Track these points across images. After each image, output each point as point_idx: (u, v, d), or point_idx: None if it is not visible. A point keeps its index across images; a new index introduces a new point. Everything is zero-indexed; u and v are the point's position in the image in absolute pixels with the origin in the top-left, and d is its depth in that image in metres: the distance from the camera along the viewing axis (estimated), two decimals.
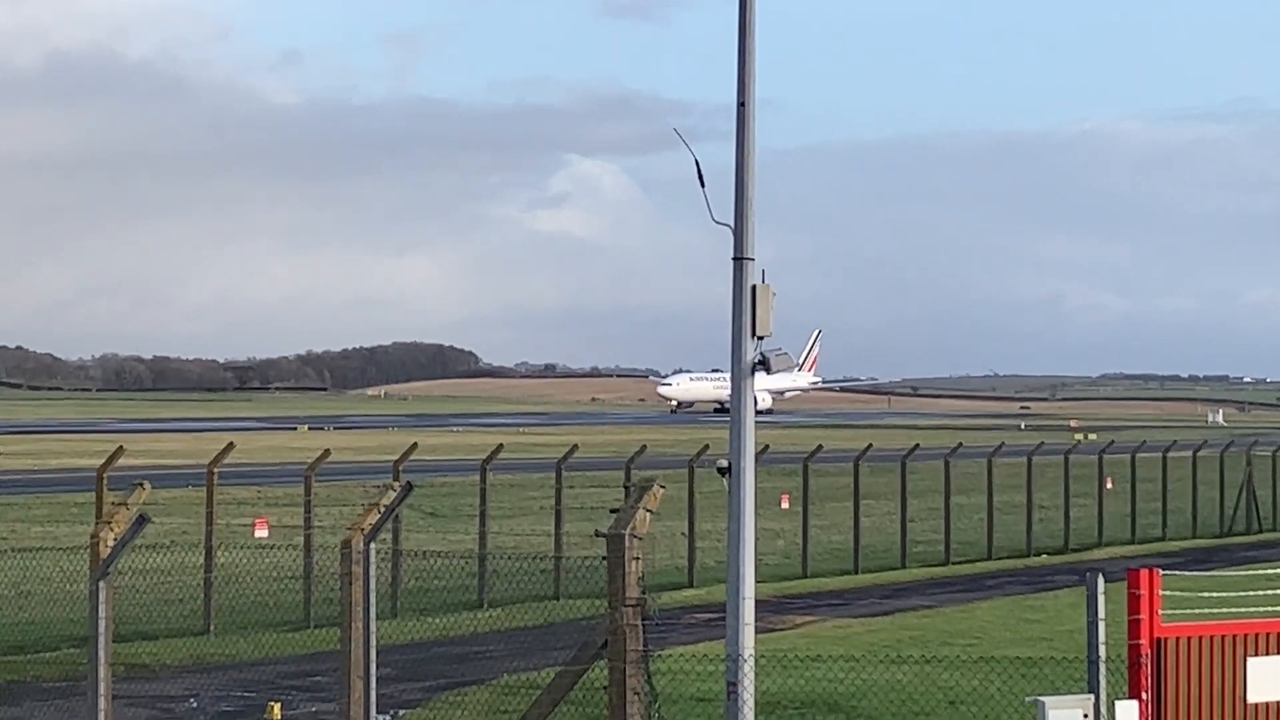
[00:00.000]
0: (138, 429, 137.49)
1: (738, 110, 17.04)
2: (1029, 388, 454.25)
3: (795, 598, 40.56)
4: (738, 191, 16.96)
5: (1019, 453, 59.89)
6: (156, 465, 68.74)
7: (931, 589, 43.45)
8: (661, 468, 45.08)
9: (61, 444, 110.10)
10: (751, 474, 16.92)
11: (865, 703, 24.29)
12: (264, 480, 61.86)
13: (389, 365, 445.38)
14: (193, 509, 42.97)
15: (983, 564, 50.71)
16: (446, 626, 33.47)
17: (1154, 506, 61.44)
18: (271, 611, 35.20)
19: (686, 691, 23.87)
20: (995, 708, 22.55)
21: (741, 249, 16.85)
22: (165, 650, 29.93)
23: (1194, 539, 60.40)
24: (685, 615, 35.41)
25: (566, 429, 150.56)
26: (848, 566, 47.64)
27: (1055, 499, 57.31)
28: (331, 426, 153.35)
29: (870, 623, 35.71)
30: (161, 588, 34.19)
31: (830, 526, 51.73)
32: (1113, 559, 49.65)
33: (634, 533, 15.61)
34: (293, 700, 24.43)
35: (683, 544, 43.95)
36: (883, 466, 56.59)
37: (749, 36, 17.03)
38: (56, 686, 26.44)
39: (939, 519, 52.41)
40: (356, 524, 17.64)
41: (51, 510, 54.26)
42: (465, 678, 27.49)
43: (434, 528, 50.23)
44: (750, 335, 16.77)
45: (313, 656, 28.84)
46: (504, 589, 38.03)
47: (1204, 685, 16.28)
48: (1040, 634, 32.72)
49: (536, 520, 48.39)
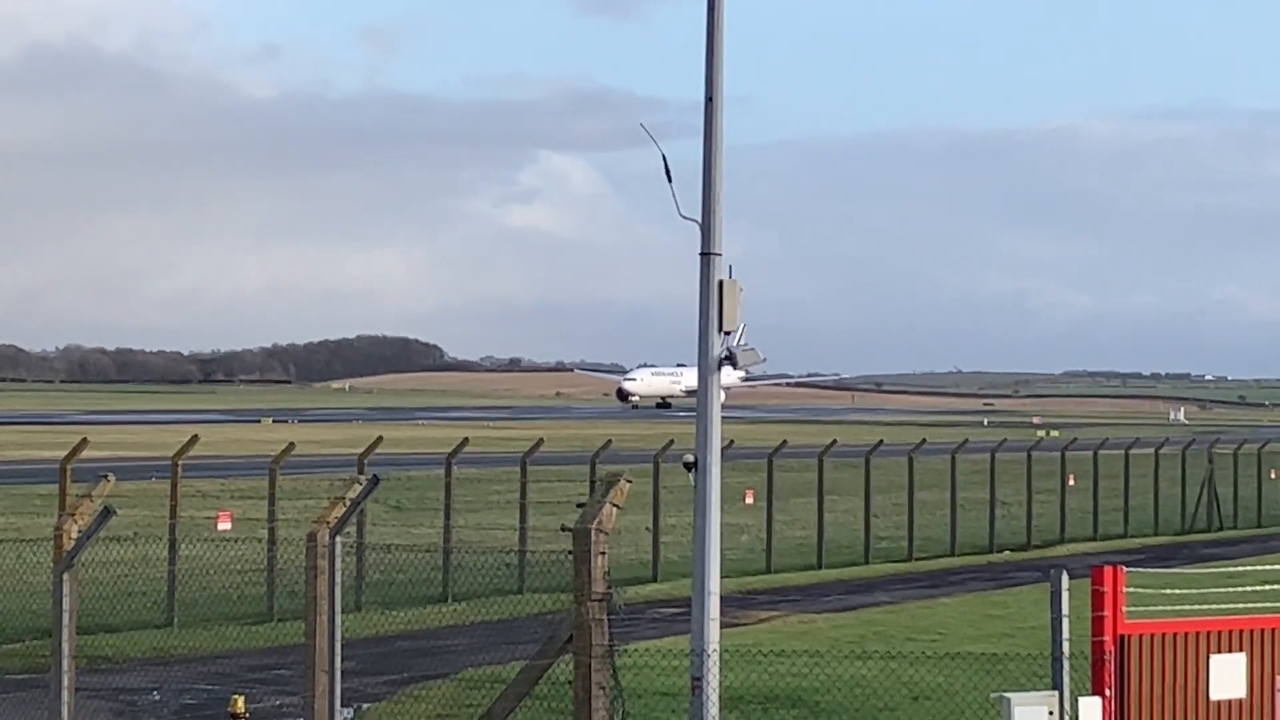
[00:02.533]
0: (101, 421, 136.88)
1: (705, 105, 17.07)
2: (992, 384, 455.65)
3: (759, 593, 40.62)
4: (705, 187, 16.98)
5: (982, 449, 60.06)
6: (120, 457, 68.36)
7: (895, 585, 43.55)
8: (626, 462, 45.06)
9: (23, 435, 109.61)
10: (717, 469, 16.94)
11: (829, 698, 24.34)
12: (228, 473, 61.73)
13: (354, 358, 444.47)
14: (156, 501, 42.78)
15: (946, 560, 50.87)
16: (410, 620, 33.46)
17: (1116, 504, 61.64)
18: (235, 604, 35.16)
19: (651, 686, 23.89)
20: (959, 703, 22.62)
21: (709, 244, 16.87)
22: (128, 643, 29.83)
23: (1156, 536, 60.68)
24: (649, 610, 35.45)
25: (531, 423, 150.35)
26: (812, 562, 47.72)
27: (1018, 495, 57.45)
28: (296, 419, 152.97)
29: (834, 618, 35.78)
30: (124, 580, 34.11)
31: (794, 522, 51.79)
32: (1075, 555, 49.84)
33: (600, 527, 15.62)
34: (256, 693, 24.38)
35: (647, 539, 43.98)
36: (847, 462, 56.68)
37: (717, 32, 17.06)
38: (18, 679, 26.36)
39: (903, 515, 52.56)
40: (322, 517, 17.61)
41: (13, 502, 54.04)
42: (429, 671, 27.46)
43: (398, 521, 50.19)
44: (717, 330, 16.79)
45: (276, 650, 28.81)
46: (468, 583, 38.03)
47: (1167, 682, 16.36)
48: (1003, 630, 32.82)
49: (501, 514, 48.38)
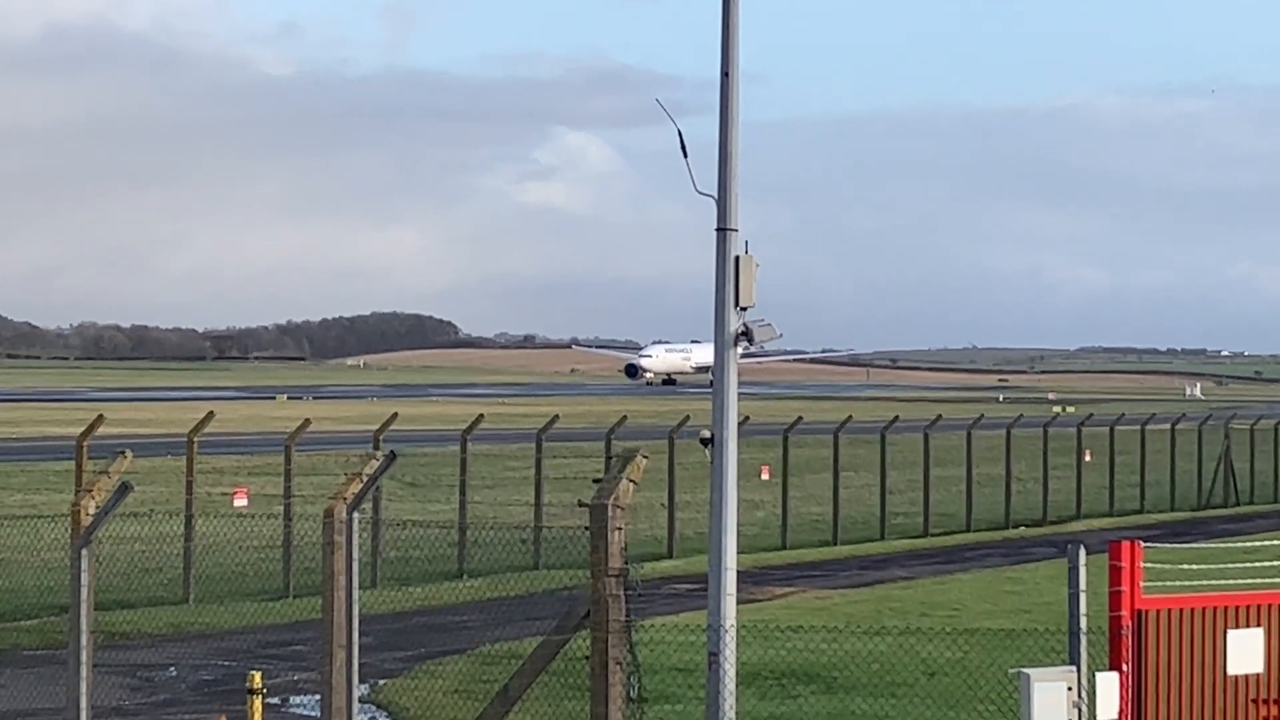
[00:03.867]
0: (116, 398, 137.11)
1: (721, 81, 17.01)
2: (1008, 360, 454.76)
3: (775, 569, 40.66)
4: (721, 162, 16.93)
5: (998, 425, 60.02)
6: (135, 434, 68.52)
7: (910, 560, 43.58)
8: (642, 438, 45.06)
9: (40, 412, 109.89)
10: (734, 445, 16.91)
11: (845, 673, 24.36)
12: (243, 449, 61.81)
13: (368, 335, 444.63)
14: (172, 478, 42.93)
15: (962, 536, 50.85)
16: (426, 596, 33.50)
17: (1132, 479, 61.61)
18: (251, 580, 35.24)
19: (667, 662, 23.91)
20: (975, 678, 22.60)
21: (725, 220, 16.82)
22: (145, 619, 29.94)
23: (1172, 512, 60.67)
24: (665, 586, 35.44)
25: (546, 400, 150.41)
26: (827, 538, 47.74)
27: (1034, 471, 57.42)
28: (311, 396, 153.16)
29: (850, 594, 35.81)
30: (141, 556, 34.21)
31: (810, 498, 51.80)
32: (1091, 531, 49.81)
33: (617, 503, 15.61)
34: (274, 669, 24.42)
35: (663, 515, 44.01)
36: (862, 438, 56.66)
37: (733, 6, 17.02)
38: (36, 654, 26.45)
39: (918, 491, 52.55)
40: (339, 492, 17.62)
41: (30, 479, 54.19)
42: (446, 647, 27.53)
43: (414, 498, 50.25)
44: (734, 306, 16.75)
45: (293, 625, 28.87)
46: (484, 559, 38.10)
47: (1184, 657, 16.33)
48: (1019, 606, 32.81)
49: (516, 490, 48.42)
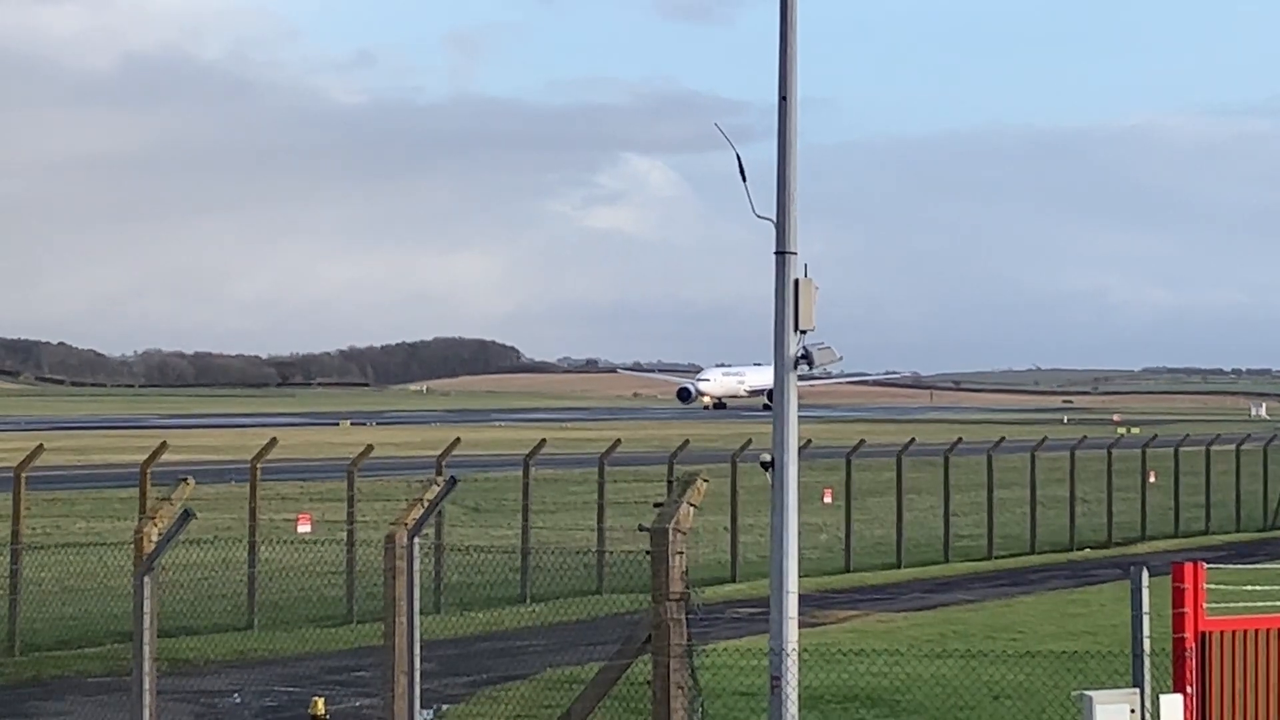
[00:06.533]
0: (180, 425, 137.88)
1: (779, 105, 17.04)
2: (1071, 381, 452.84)
3: (838, 592, 40.52)
4: (779, 186, 16.96)
5: (1062, 447, 59.77)
6: (199, 461, 68.91)
7: (974, 583, 43.38)
8: (704, 462, 45.04)
9: (104, 440, 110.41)
10: (794, 468, 16.89)
11: (908, 697, 24.27)
12: (306, 476, 62.03)
13: (431, 360, 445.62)
14: (236, 504, 43.10)
15: (1025, 558, 50.62)
16: (489, 621, 33.54)
17: (1197, 500, 61.25)
18: (314, 606, 35.33)
19: (730, 686, 23.86)
20: (1039, 702, 22.50)
21: (784, 243, 16.84)
22: (209, 645, 30.01)
23: (1237, 533, 60.28)
24: (728, 609, 35.41)
25: (608, 424, 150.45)
26: (890, 561, 47.59)
27: (1098, 493, 57.16)
28: (374, 422, 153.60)
29: (913, 617, 35.66)
30: (205, 583, 34.34)
31: (873, 521, 51.67)
32: (1156, 553, 49.52)
33: (678, 527, 15.61)
34: (336, 695, 24.49)
35: (725, 538, 43.96)
36: (925, 461, 56.49)
37: (790, 31, 17.05)
38: (101, 681, 26.57)
39: (982, 513, 52.36)
40: (400, 518, 17.67)
41: (95, 506, 54.43)
42: (508, 672, 27.51)
43: (476, 523, 50.33)
44: (793, 329, 16.75)
45: (355, 651, 28.94)
46: (546, 584, 38.10)
47: (1249, 678, 16.23)
48: (1083, 628, 32.62)
49: (579, 515, 48.45)
